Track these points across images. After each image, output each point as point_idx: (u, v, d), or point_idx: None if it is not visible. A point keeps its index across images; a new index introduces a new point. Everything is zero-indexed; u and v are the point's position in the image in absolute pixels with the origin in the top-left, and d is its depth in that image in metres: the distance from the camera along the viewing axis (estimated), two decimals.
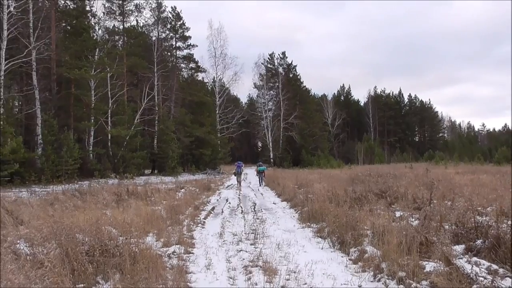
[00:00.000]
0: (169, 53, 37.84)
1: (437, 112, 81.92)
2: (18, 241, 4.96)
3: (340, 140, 67.78)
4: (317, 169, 36.46)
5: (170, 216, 9.91)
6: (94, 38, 27.64)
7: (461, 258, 5.30)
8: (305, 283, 4.70)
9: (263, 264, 5.45)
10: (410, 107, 79.24)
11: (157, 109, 32.57)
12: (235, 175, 22.37)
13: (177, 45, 38.42)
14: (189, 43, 38.46)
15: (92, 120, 25.42)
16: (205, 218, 10.32)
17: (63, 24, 28.72)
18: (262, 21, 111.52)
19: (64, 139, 21.58)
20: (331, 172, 30.35)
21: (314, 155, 48.36)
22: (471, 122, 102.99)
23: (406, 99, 79.63)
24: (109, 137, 26.91)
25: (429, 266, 4.80)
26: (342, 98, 76.33)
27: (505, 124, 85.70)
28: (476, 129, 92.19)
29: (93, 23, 29.18)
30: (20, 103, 26.48)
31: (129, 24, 34.39)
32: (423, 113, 78.30)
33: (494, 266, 4.75)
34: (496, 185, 14.26)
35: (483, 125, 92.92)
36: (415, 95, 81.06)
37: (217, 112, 42.07)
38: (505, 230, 5.03)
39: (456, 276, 4.15)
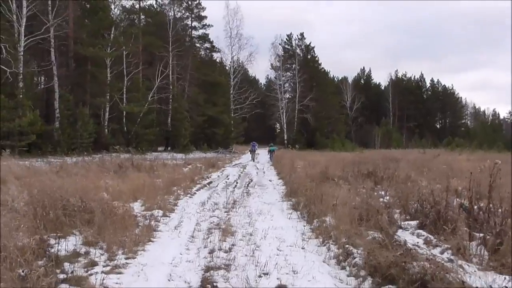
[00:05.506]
0: (184, 33, 38.22)
1: (460, 98, 79.66)
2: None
3: (358, 123, 67.17)
4: (331, 152, 36.63)
5: (166, 187, 10.59)
6: (111, 17, 28.29)
7: (407, 230, 5.72)
8: (254, 243, 5.21)
9: (226, 227, 5.99)
10: (432, 92, 77.29)
11: (171, 87, 33.26)
12: (250, 152, 28.07)
13: (192, 24, 38.74)
14: (204, 23, 38.73)
15: (108, 97, 26.35)
16: (197, 190, 10.93)
17: (83, 2, 29.38)
18: (272, 1, 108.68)
19: (79, 114, 22.59)
20: (341, 155, 30.51)
21: (329, 137, 48.33)
22: (496, 110, 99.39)
23: (428, 84, 77.67)
24: (124, 114, 27.86)
25: (371, 234, 5.22)
26: (362, 81, 75.14)
27: None
28: (501, 116, 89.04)
29: (110, 1, 29.84)
30: (41, 78, 27.67)
31: (146, 3, 34.91)
32: (445, 99, 76.26)
33: (431, 237, 5.15)
34: (494, 171, 14.31)
35: (509, 113, 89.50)
36: (438, 79, 78.84)
37: (231, 92, 42.44)
38: (446, 207, 5.37)
39: (387, 242, 4.54)
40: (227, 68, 44.67)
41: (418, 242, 5.07)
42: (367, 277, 3.94)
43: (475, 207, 5.25)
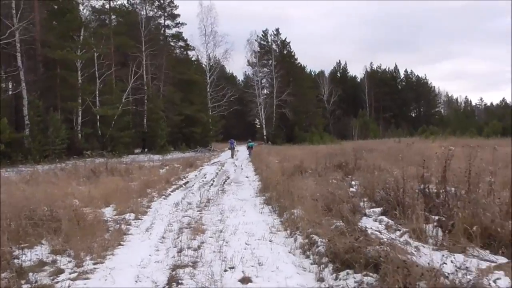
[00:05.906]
0: (157, 32, 37.75)
1: (433, 87, 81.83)
2: None
3: (336, 116, 68.02)
4: (309, 146, 37.02)
5: (140, 190, 10.50)
6: (80, 18, 27.65)
7: (371, 217, 5.93)
8: (223, 239, 5.31)
9: (197, 225, 6.06)
10: (406, 83, 79.09)
11: (146, 88, 32.85)
12: (229, 149, 28.38)
13: (165, 23, 38.34)
14: (177, 22, 38.36)
15: (79, 100, 25.79)
16: (172, 191, 10.90)
17: (50, 3, 28.50)
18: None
19: (50, 119, 22.07)
20: (317, 148, 30.91)
21: (308, 131, 48.83)
22: (468, 97, 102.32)
23: (402, 75, 79.45)
24: (98, 117, 27.35)
25: (335, 223, 5.39)
26: (339, 74, 76.13)
27: (503, 98, 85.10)
28: (473, 103, 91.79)
29: (79, 1, 29.16)
30: (8, 84, 26.80)
31: (116, 2, 34.27)
32: (419, 89, 78.21)
33: (391, 222, 5.37)
34: (458, 157, 14.87)
35: (481, 99, 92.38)
36: (411, 70, 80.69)
37: (208, 90, 42.27)
38: (403, 192, 5.61)
39: (344, 230, 4.72)
40: (203, 65, 44.45)
41: (379, 228, 5.28)
42: (328, 264, 4.11)
43: (433, 191, 5.51)
